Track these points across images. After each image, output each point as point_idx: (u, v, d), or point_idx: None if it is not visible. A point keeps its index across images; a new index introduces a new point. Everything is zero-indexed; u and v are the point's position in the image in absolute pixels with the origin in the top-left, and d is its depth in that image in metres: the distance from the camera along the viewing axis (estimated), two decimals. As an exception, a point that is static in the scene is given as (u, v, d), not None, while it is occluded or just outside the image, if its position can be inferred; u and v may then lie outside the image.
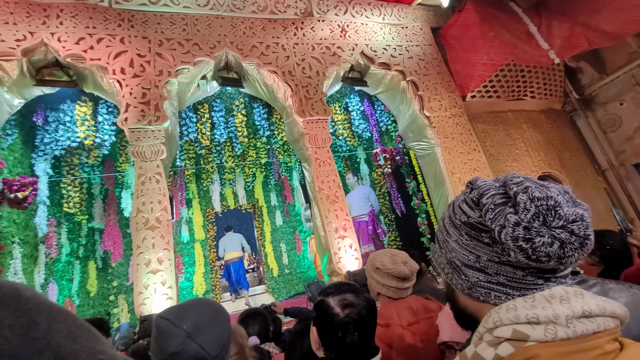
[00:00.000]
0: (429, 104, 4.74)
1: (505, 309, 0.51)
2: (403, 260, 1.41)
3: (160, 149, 3.57)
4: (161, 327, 0.83)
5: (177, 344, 0.79)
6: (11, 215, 4.22)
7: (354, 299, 0.90)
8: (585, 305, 0.48)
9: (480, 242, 0.55)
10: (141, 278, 3.13)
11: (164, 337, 0.81)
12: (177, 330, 0.81)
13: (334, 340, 0.86)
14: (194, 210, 6.67)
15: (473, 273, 0.56)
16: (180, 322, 0.82)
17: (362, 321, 0.88)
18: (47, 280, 4.85)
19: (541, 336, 0.46)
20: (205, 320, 0.85)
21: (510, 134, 5.00)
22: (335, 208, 3.90)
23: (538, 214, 0.49)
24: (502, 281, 0.54)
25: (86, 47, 3.65)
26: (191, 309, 0.88)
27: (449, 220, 0.61)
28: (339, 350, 0.85)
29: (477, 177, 0.60)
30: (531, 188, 0.51)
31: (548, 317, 0.47)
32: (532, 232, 0.48)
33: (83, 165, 5.35)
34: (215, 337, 0.84)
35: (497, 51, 4.36)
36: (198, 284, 6.31)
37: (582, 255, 0.49)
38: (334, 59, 4.60)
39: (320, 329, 0.89)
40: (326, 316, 0.88)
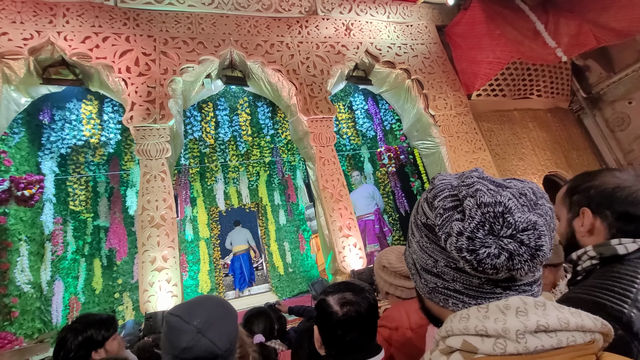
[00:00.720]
0: (433, 102, 4.71)
1: (458, 319, 0.48)
2: None
3: (165, 147, 3.58)
4: (172, 324, 0.85)
5: (188, 339, 0.81)
6: (18, 213, 4.26)
7: (353, 298, 0.90)
8: (543, 318, 0.44)
9: (437, 246, 0.52)
10: (146, 276, 3.15)
11: (175, 333, 0.83)
12: (188, 326, 0.82)
13: (334, 339, 0.87)
14: (199, 208, 6.69)
15: (431, 278, 0.54)
16: (191, 319, 0.84)
17: (361, 319, 0.88)
18: (53, 277, 4.90)
19: (489, 350, 0.44)
20: (214, 316, 0.87)
21: (516, 133, 4.96)
22: (339, 207, 3.89)
23: (484, 222, 0.46)
24: (459, 288, 0.51)
25: (92, 46, 3.67)
26: (200, 306, 0.90)
27: (413, 219, 0.58)
28: (339, 348, 0.86)
29: (439, 174, 0.57)
30: (481, 192, 0.47)
31: (497, 331, 0.44)
32: (476, 243, 0.45)
33: (89, 164, 5.39)
34: (225, 333, 0.86)
35: (503, 49, 4.32)
36: (203, 282, 6.34)
37: (534, 267, 0.46)
38: (338, 57, 4.59)
39: (321, 327, 0.90)
40: (326, 314, 0.89)
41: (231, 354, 0.89)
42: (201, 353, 0.81)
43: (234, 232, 7.36)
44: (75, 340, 1.37)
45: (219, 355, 0.83)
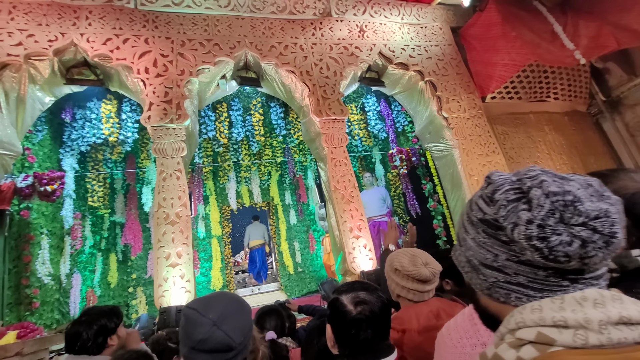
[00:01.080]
0: (447, 104, 4.67)
1: (530, 310, 0.48)
2: (424, 262, 1.33)
3: (180, 147, 3.67)
4: (189, 316, 0.88)
5: (204, 331, 0.85)
6: (40, 208, 4.43)
7: (366, 297, 0.91)
8: (625, 310, 0.43)
9: (498, 241, 0.52)
10: (161, 271, 3.23)
11: (192, 325, 0.87)
12: (204, 319, 0.86)
13: (347, 337, 0.87)
14: (211, 206, 6.81)
15: (491, 272, 0.53)
16: (207, 312, 0.87)
17: (374, 318, 0.88)
18: (72, 270, 5.07)
19: (569, 341, 0.42)
20: (229, 310, 0.90)
21: (531, 136, 4.87)
22: (350, 208, 3.91)
23: (553, 211, 0.45)
24: (522, 282, 0.51)
25: (113, 48, 3.79)
26: (216, 300, 0.93)
27: (467, 217, 0.59)
28: (353, 347, 0.87)
29: (494, 171, 0.58)
30: (547, 182, 0.47)
31: (578, 321, 0.43)
32: (546, 231, 0.45)
33: (107, 161, 5.56)
34: (239, 326, 0.90)
35: (519, 51, 4.26)
36: (215, 279, 6.45)
37: (607, 254, 0.45)
38: (351, 59, 4.60)
39: (334, 326, 0.91)
40: (339, 313, 0.90)
41: (245, 347, 0.92)
42: (216, 345, 0.84)
43: (252, 226, 7.70)
44: (90, 330, 1.45)
45: (233, 347, 0.86)
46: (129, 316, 5.78)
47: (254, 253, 7.54)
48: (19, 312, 3.89)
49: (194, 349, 0.86)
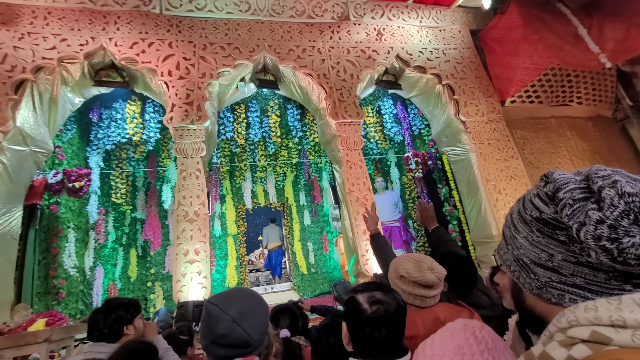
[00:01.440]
0: (465, 108, 4.63)
1: (584, 309, 0.46)
2: (429, 267, 1.33)
3: (200, 147, 3.79)
4: (210, 312, 0.93)
5: (224, 327, 0.89)
6: (68, 203, 4.65)
7: (382, 297, 0.93)
8: None
9: (554, 240, 0.51)
10: (179, 267, 3.35)
11: (213, 320, 0.91)
12: (225, 315, 0.90)
13: (361, 336, 0.89)
14: (227, 205, 6.94)
15: (544, 272, 0.52)
16: (227, 308, 0.92)
17: (389, 318, 0.90)
18: (95, 263, 5.29)
19: (627, 341, 0.41)
20: (248, 308, 0.94)
21: (552, 142, 4.75)
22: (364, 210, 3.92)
23: (628, 212, 0.44)
24: (579, 283, 0.49)
25: (139, 51, 3.95)
26: (236, 297, 0.98)
27: (518, 216, 0.57)
28: (367, 346, 0.89)
29: (554, 170, 0.55)
30: (620, 182, 0.45)
31: (638, 322, 0.41)
32: (619, 231, 0.43)
33: (130, 160, 5.78)
34: (257, 324, 0.94)
35: (541, 55, 4.17)
36: (230, 277, 6.57)
37: None
38: (368, 62, 4.63)
39: (349, 324, 0.93)
40: (355, 312, 0.92)
41: (261, 343, 0.96)
42: (235, 340, 0.89)
43: (268, 228, 7.82)
44: (108, 319, 1.54)
45: (251, 344, 0.90)
46: (147, 310, 5.97)
47: (271, 254, 7.73)
48: (47, 301, 4.10)
49: (214, 343, 0.91)
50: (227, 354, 0.90)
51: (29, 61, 3.58)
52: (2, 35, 3.61)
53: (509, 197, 4.24)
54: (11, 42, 3.60)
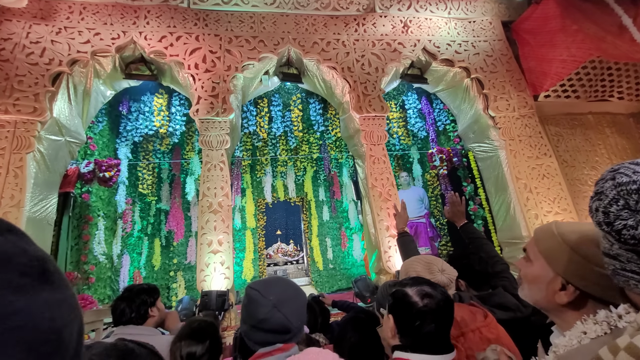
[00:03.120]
0: (494, 103, 4.44)
1: None
2: (440, 268, 1.32)
3: (225, 139, 3.83)
4: (252, 297, 0.93)
5: (265, 311, 0.89)
6: (98, 192, 4.84)
7: (432, 291, 0.91)
8: None
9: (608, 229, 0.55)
10: (203, 257, 3.41)
11: (254, 305, 0.92)
12: (265, 300, 0.91)
13: (411, 329, 0.87)
14: (247, 199, 7.04)
15: (609, 260, 0.57)
16: (268, 294, 0.92)
17: (440, 313, 0.88)
18: (122, 251, 5.49)
19: None
20: (287, 295, 0.95)
21: (589, 139, 4.49)
22: (387, 206, 3.85)
23: (617, 199, 0.50)
24: (635, 269, 0.53)
25: (167, 44, 4.03)
26: (276, 284, 0.98)
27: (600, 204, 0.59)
28: (416, 339, 0.87)
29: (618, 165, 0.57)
30: (619, 173, 0.51)
31: None
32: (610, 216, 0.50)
33: (156, 152, 5.95)
34: (296, 310, 0.94)
35: (580, 46, 3.93)
36: (247, 270, 6.66)
37: None
38: (394, 55, 4.52)
39: (398, 317, 0.91)
40: (404, 304, 0.90)
41: (300, 331, 0.96)
42: (276, 326, 0.89)
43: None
44: (133, 304, 1.59)
45: (291, 329, 0.90)
46: (169, 298, 6.15)
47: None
48: (79, 285, 4.29)
49: (254, 327, 0.91)
50: (267, 339, 0.91)
51: (65, 54, 3.72)
52: (41, 30, 3.77)
53: (540, 197, 4.04)
54: (49, 37, 3.76)
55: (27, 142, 3.31)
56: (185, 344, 1.25)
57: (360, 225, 7.19)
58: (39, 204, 3.37)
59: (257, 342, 0.91)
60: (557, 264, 0.70)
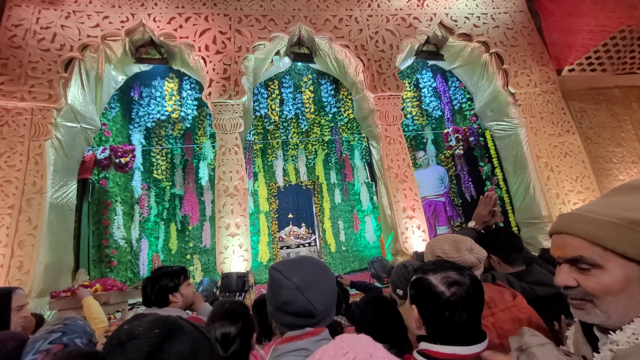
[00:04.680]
0: (514, 79, 4.26)
1: None
2: (468, 247, 1.25)
3: (238, 122, 3.79)
4: (274, 278, 0.90)
5: (287, 294, 0.86)
6: (115, 178, 4.91)
7: (459, 277, 0.84)
8: None
9: None
10: (222, 240, 3.45)
11: (277, 286, 0.89)
12: (288, 282, 0.87)
13: (439, 321, 0.82)
14: (259, 183, 7.06)
15: None
16: (291, 276, 0.88)
17: (470, 300, 0.82)
18: (140, 236, 5.61)
19: None
20: (313, 277, 0.90)
21: (615, 115, 4.30)
22: (404, 187, 3.81)
23: None
24: None
25: (176, 26, 3.95)
26: (302, 265, 0.93)
27: None
28: (445, 330, 0.81)
29: None
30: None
31: None
32: None
33: (168, 137, 5.95)
34: (322, 294, 0.89)
35: (610, 15, 3.69)
36: (262, 252, 6.76)
37: None
38: (409, 30, 4.34)
39: (423, 308, 0.85)
40: (429, 295, 0.84)
41: (328, 315, 0.92)
42: (299, 309, 0.85)
43: None
44: (153, 288, 1.59)
45: (315, 314, 0.86)
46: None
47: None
48: (102, 268, 4.43)
49: (278, 309, 0.88)
50: (292, 321, 0.88)
51: (76, 39, 3.68)
52: (50, 15, 3.73)
53: (562, 175, 3.93)
54: (59, 21, 3.71)
55: (44, 129, 3.34)
56: (219, 325, 1.25)
57: (372, 207, 7.17)
58: (59, 190, 3.43)
59: (283, 324, 0.89)
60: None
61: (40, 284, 3.01)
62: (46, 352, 1.01)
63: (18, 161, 3.19)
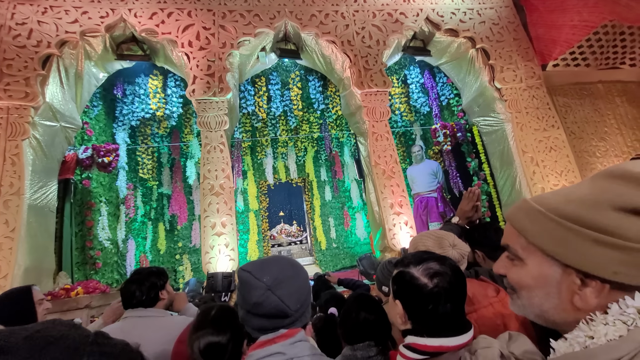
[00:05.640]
0: (500, 74, 4.28)
1: None
2: (451, 243, 1.25)
3: (223, 120, 3.73)
4: (243, 279, 0.86)
5: (258, 295, 0.82)
6: (99, 178, 4.80)
7: (439, 268, 0.83)
8: None
9: None
10: (207, 239, 3.40)
11: (247, 288, 0.84)
12: (258, 282, 0.83)
13: (423, 313, 0.80)
14: (249, 181, 7.00)
15: None
16: (261, 276, 0.84)
17: (453, 290, 0.81)
18: (127, 236, 5.51)
19: None
20: (284, 275, 0.86)
21: (598, 109, 4.35)
22: (391, 184, 3.80)
23: None
24: None
25: (158, 22, 3.85)
26: (271, 264, 0.89)
27: None
28: (431, 323, 0.80)
29: None
30: None
31: None
32: None
33: (154, 136, 5.85)
34: (294, 292, 0.86)
35: (593, 10, 3.72)
36: (252, 251, 6.72)
37: None
38: (395, 26, 4.32)
39: (406, 302, 0.83)
40: (412, 287, 0.82)
41: (303, 314, 0.88)
42: (271, 310, 0.82)
43: None
44: (142, 287, 1.57)
45: (289, 314, 0.83)
46: (176, 281, 6.24)
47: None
48: (86, 270, 4.33)
49: (249, 312, 0.84)
50: (264, 324, 0.84)
51: (53, 35, 3.57)
52: (26, 10, 3.60)
53: (547, 170, 3.97)
54: (35, 17, 3.59)
55: (21, 128, 3.23)
56: (204, 334, 1.14)
57: (362, 204, 7.17)
58: (39, 191, 3.34)
59: (254, 329, 0.85)
60: (565, 252, 0.50)
61: (19, 288, 2.93)
62: None
63: (-7, 162, 3.09)
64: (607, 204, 0.48)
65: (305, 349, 0.83)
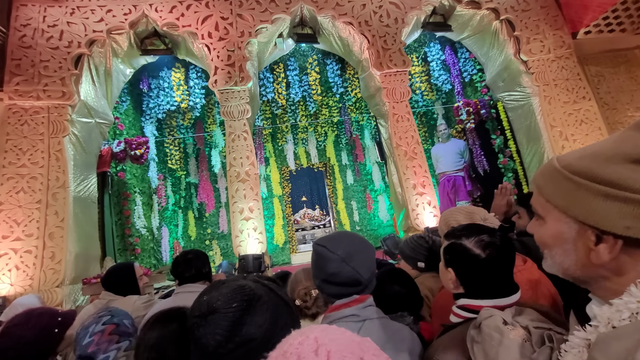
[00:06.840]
0: (527, 46, 4.09)
1: None
2: (482, 217, 1.28)
3: (245, 109, 3.83)
4: (320, 253, 0.96)
5: (334, 266, 0.92)
6: (132, 170, 5.08)
7: (491, 239, 0.90)
8: None
9: None
10: (236, 224, 3.57)
11: (323, 260, 0.95)
12: (333, 255, 0.93)
13: (477, 280, 0.89)
14: (271, 168, 7.15)
15: None
16: (335, 249, 0.94)
17: (504, 258, 0.89)
18: (160, 224, 5.84)
19: None
20: (355, 248, 0.96)
21: (635, 77, 4.09)
22: (413, 165, 3.80)
23: None
24: None
25: (178, 15, 3.95)
26: (343, 239, 0.99)
27: None
28: (483, 288, 0.88)
29: None
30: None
31: None
32: None
33: (179, 127, 6.06)
34: (365, 263, 0.95)
35: (630, -31, 3.45)
36: (278, 235, 6.93)
37: None
38: (414, 2, 4.20)
39: (459, 270, 0.92)
40: (466, 258, 0.90)
41: (371, 283, 0.98)
42: (346, 279, 0.92)
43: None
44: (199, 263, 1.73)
45: (361, 282, 0.93)
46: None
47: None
48: (127, 256, 4.67)
49: (325, 281, 0.95)
50: (340, 291, 0.94)
51: (82, 35, 3.75)
52: (55, 12, 3.79)
53: (577, 144, 3.82)
54: (64, 18, 3.77)
55: (61, 126, 3.47)
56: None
57: (384, 186, 7.18)
58: (81, 184, 3.60)
59: (330, 295, 0.96)
60: (576, 208, 0.49)
61: (72, 272, 3.23)
62: (101, 333, 1.13)
63: (40, 158, 3.35)
64: (622, 156, 0.46)
65: (374, 312, 0.94)
